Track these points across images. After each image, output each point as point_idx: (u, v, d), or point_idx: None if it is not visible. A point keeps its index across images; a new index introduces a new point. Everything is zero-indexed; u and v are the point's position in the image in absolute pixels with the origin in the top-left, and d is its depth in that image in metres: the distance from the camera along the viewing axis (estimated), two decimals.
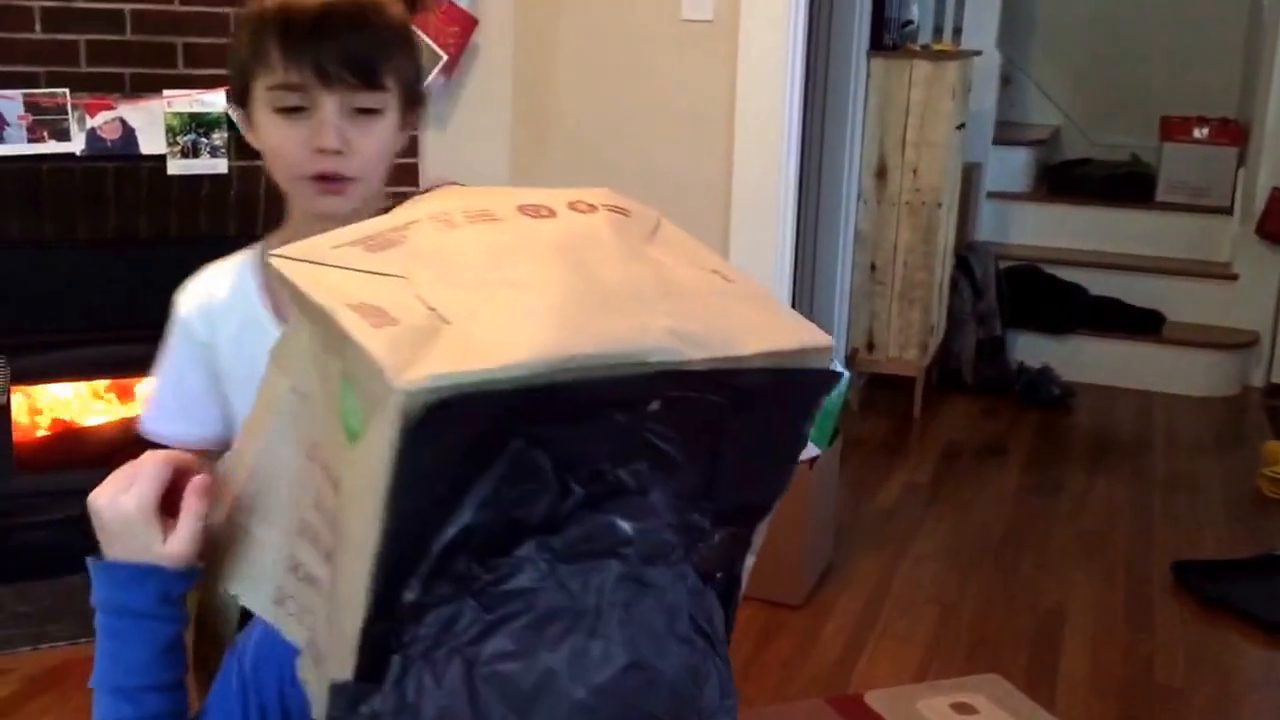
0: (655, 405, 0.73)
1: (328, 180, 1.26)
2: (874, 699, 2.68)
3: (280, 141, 1.25)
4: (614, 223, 0.82)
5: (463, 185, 0.92)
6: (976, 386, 4.87)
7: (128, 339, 2.76)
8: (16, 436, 3.06)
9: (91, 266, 3.06)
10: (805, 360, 0.79)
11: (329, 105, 1.24)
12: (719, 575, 0.82)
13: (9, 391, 2.99)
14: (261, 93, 1.25)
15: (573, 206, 0.82)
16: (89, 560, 0.97)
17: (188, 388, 1.35)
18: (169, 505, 0.94)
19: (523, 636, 0.71)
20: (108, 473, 0.95)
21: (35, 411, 3.16)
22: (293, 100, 1.24)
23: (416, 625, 0.72)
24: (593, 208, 0.83)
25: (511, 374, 0.67)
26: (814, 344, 0.80)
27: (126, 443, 1.52)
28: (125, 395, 3.24)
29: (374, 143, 1.27)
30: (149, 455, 0.96)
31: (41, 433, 3.18)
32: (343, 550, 0.76)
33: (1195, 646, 2.94)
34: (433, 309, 0.72)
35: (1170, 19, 6.00)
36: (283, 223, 1.38)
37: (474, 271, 0.75)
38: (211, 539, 0.93)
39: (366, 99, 1.26)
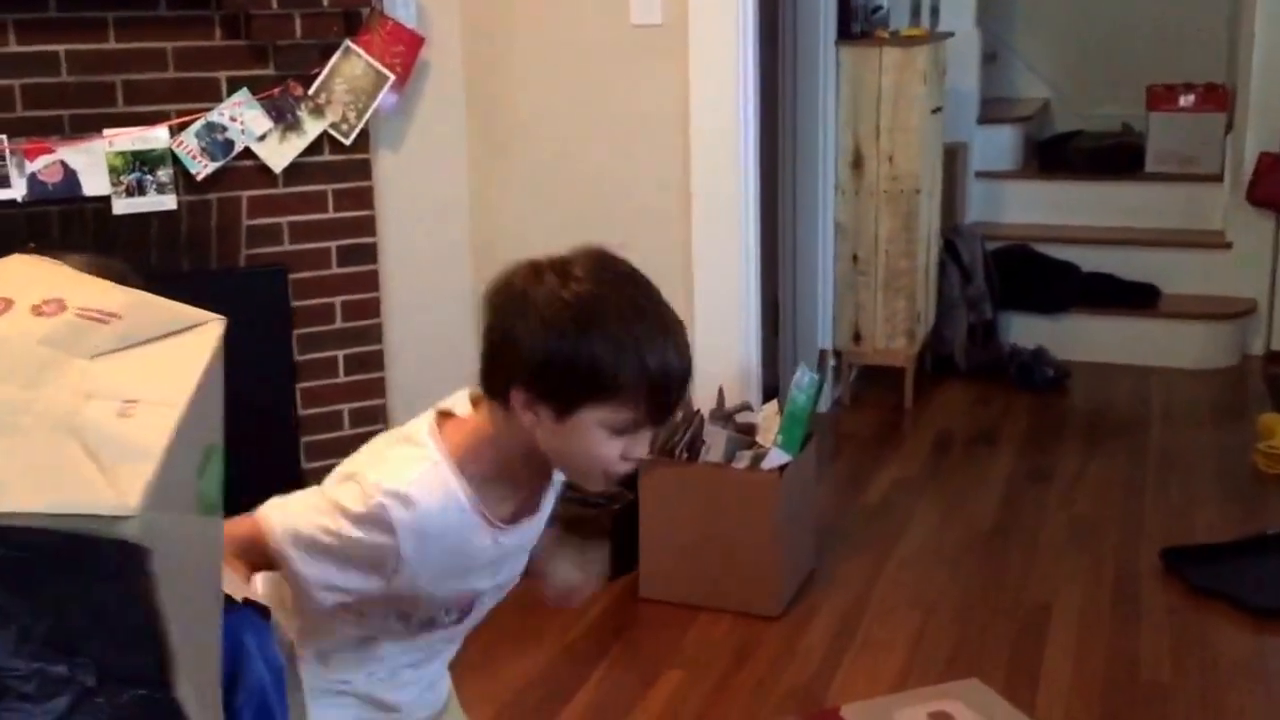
0: None
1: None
2: (850, 712, 2.63)
3: (601, 452, 1.39)
4: (55, 328, 0.77)
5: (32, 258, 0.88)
6: (970, 372, 4.79)
7: None
8: None
9: None
10: (97, 526, 0.71)
11: (650, 429, 1.41)
12: None
13: None
14: (600, 414, 1.36)
15: (35, 309, 0.78)
16: None
17: (342, 562, 1.39)
18: None
19: None
20: None
21: None
22: (631, 429, 1.38)
23: None
24: (60, 308, 0.79)
25: None
26: (73, 509, 0.71)
27: None
28: None
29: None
30: None
31: None
32: None
33: (1181, 637, 2.86)
34: None
35: None
36: (479, 447, 1.44)
37: None
38: None
39: None
